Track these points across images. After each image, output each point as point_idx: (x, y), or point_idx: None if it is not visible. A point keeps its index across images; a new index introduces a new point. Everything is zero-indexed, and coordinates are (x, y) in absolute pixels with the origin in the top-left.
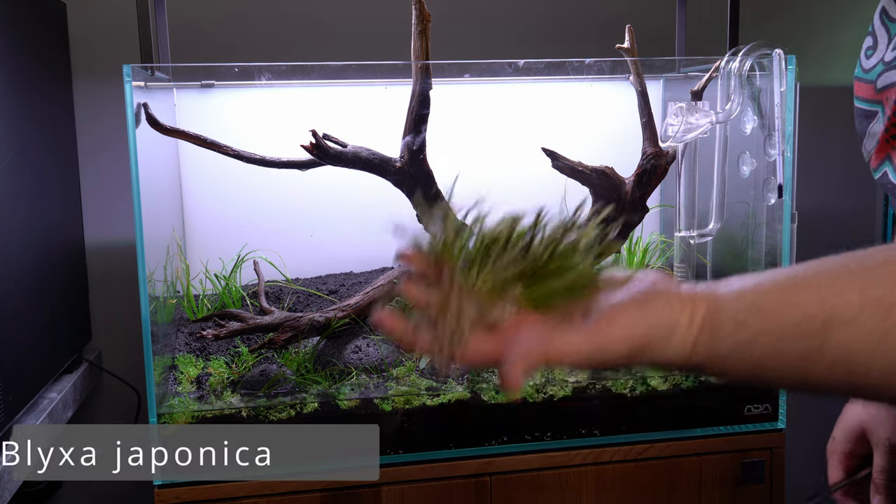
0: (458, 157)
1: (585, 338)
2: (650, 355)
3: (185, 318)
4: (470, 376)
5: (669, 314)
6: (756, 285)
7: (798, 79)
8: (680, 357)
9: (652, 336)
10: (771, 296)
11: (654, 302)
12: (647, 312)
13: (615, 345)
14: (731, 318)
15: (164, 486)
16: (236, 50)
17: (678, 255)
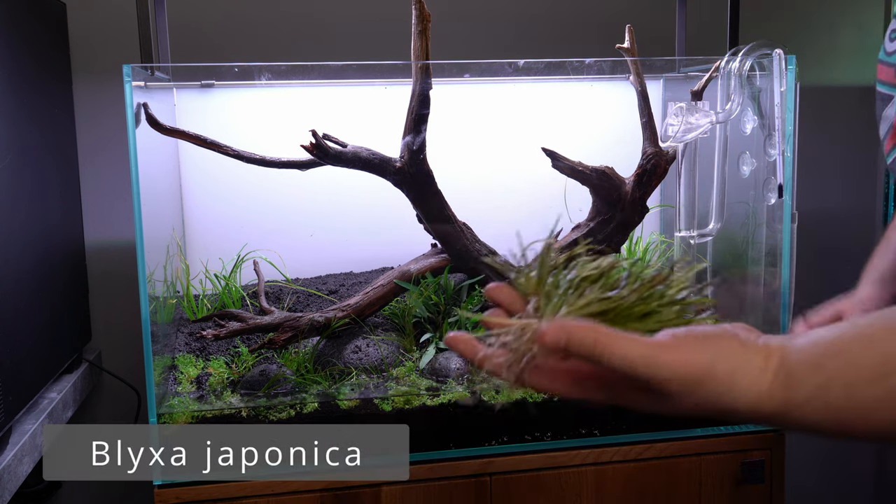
0: (458, 157)
1: (640, 345)
2: (708, 392)
3: (185, 318)
4: (470, 376)
5: (741, 354)
6: (832, 330)
7: (798, 79)
8: (748, 402)
9: (716, 371)
10: (848, 337)
11: (726, 341)
12: (717, 347)
13: (669, 365)
14: (808, 361)
15: (164, 486)
16: (236, 50)
17: (677, 255)
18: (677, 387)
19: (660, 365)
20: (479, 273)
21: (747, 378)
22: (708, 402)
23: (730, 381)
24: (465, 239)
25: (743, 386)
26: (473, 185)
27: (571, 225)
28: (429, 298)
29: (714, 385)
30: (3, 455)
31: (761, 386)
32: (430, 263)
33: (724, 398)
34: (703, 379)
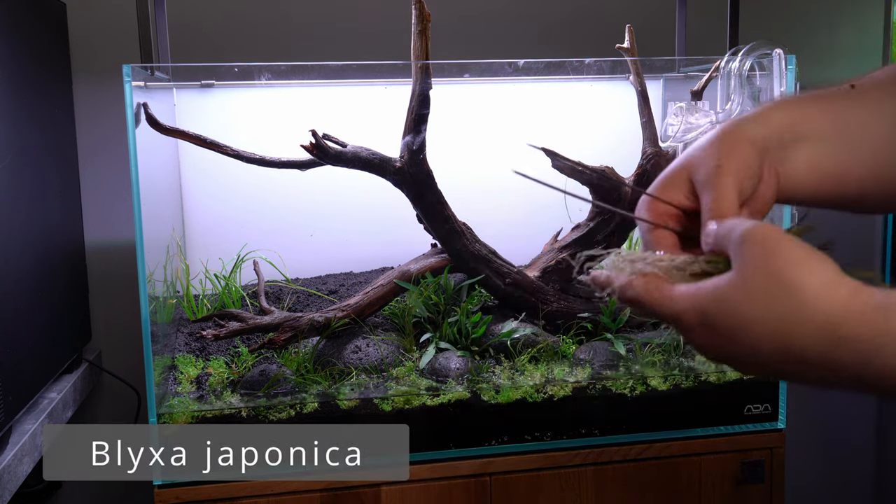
0: (458, 157)
1: None
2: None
3: (185, 318)
4: (470, 376)
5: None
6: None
7: (798, 78)
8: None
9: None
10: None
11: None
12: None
13: None
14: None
15: (164, 486)
16: (236, 50)
17: None
18: (754, 243)
19: (747, 224)
20: (479, 273)
21: (835, 280)
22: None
23: (817, 274)
24: (465, 239)
25: (825, 284)
26: (473, 185)
27: (571, 225)
28: (429, 298)
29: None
30: (3, 455)
31: (850, 295)
32: (430, 263)
33: (802, 282)
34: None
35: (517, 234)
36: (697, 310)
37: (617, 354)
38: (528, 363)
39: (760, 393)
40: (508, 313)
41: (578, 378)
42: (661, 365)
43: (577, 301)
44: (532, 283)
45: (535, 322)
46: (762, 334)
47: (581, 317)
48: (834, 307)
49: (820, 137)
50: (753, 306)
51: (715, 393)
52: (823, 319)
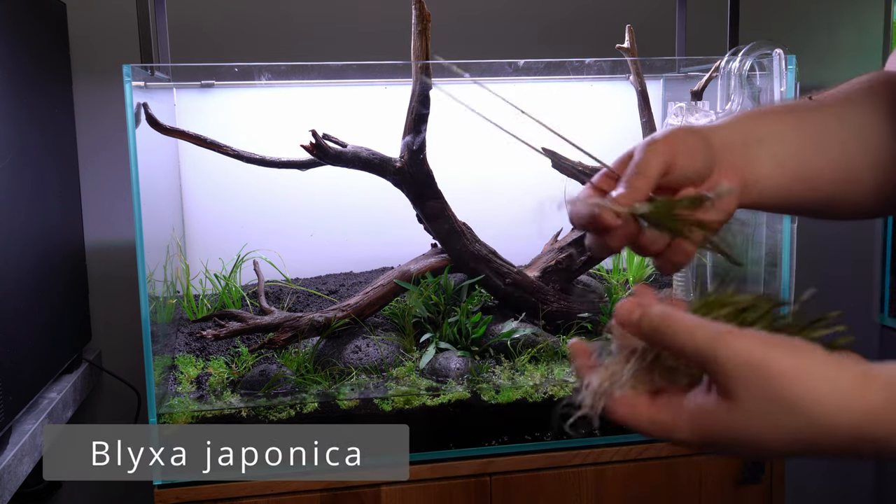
0: (458, 157)
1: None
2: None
3: (185, 318)
4: (470, 376)
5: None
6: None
7: (798, 79)
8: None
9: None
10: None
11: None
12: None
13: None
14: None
15: (164, 486)
16: (236, 50)
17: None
18: (739, 371)
19: (723, 345)
20: (479, 273)
21: (841, 384)
22: (784, 403)
23: (818, 381)
24: (465, 239)
25: (835, 392)
26: (473, 185)
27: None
28: (429, 298)
29: (791, 381)
30: (3, 455)
31: (862, 397)
32: (430, 263)
33: (808, 399)
34: (773, 369)
35: (517, 234)
36: (700, 436)
37: None
38: (528, 363)
39: None
40: (508, 313)
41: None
42: None
43: (576, 301)
44: (532, 283)
45: (535, 322)
46: (777, 450)
47: (581, 317)
48: (851, 419)
49: (783, 139)
50: (762, 430)
51: None
52: (843, 434)
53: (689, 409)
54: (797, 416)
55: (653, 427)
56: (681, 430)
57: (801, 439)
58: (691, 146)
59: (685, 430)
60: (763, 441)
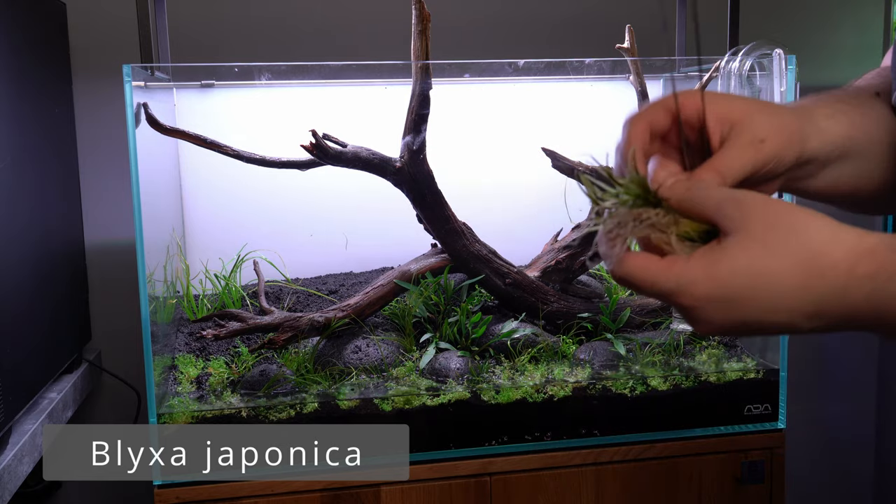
0: (458, 157)
1: None
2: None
3: (185, 318)
4: (470, 376)
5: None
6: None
7: (798, 79)
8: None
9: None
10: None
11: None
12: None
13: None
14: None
15: (164, 486)
16: (236, 50)
17: None
18: (756, 207)
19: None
20: (479, 273)
21: (837, 227)
22: (789, 229)
23: (819, 221)
24: (465, 239)
25: (832, 229)
26: (474, 185)
27: (571, 225)
28: (429, 298)
29: (796, 216)
30: (3, 455)
31: (858, 243)
32: (430, 263)
33: (810, 226)
34: (782, 208)
35: (517, 234)
36: (712, 277)
37: (617, 354)
38: (528, 363)
39: (760, 393)
40: (508, 313)
41: (578, 378)
42: (661, 365)
43: (577, 301)
44: (532, 283)
45: (535, 322)
46: (780, 284)
47: (581, 317)
48: (846, 247)
49: (860, 155)
50: (769, 258)
51: (715, 393)
52: (838, 257)
53: (699, 255)
54: (798, 244)
55: (665, 280)
56: (697, 280)
57: (805, 265)
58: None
59: (701, 279)
60: (772, 271)
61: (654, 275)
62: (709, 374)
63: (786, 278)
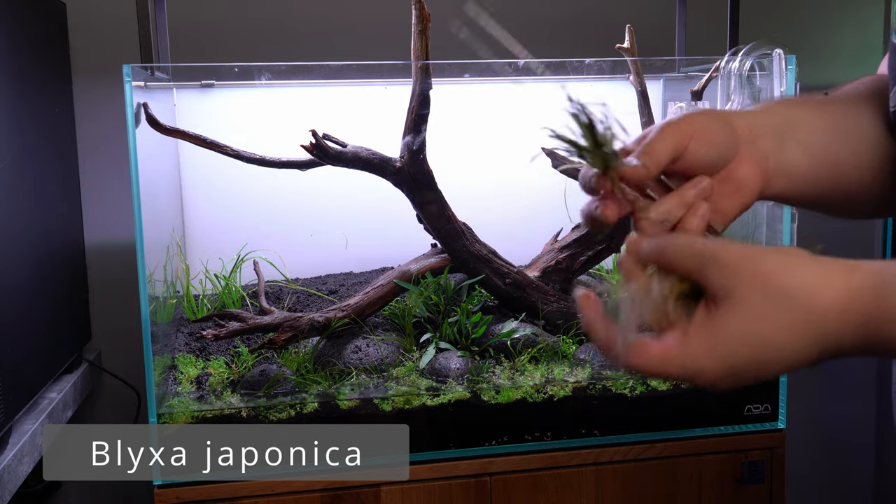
0: (458, 157)
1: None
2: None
3: (185, 318)
4: (470, 376)
5: (816, 260)
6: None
7: (798, 79)
8: (831, 298)
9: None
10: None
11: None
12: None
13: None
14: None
15: (164, 486)
16: (236, 50)
17: None
18: (738, 269)
19: (722, 250)
20: (479, 273)
21: (825, 270)
22: (777, 292)
23: (805, 272)
24: (464, 239)
25: (819, 276)
26: (474, 185)
27: (571, 225)
28: (429, 298)
29: (781, 273)
30: (3, 455)
31: (847, 285)
32: (430, 263)
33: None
34: (766, 264)
35: (517, 234)
36: (721, 360)
37: None
38: (528, 363)
39: (760, 393)
40: (508, 313)
41: (578, 378)
42: None
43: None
44: (532, 283)
45: (535, 322)
46: (781, 347)
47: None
48: (833, 297)
49: (809, 126)
50: (765, 328)
51: (715, 393)
52: (826, 308)
53: (696, 330)
54: (790, 300)
55: (667, 363)
56: (703, 368)
57: (802, 323)
58: (711, 132)
59: (707, 365)
60: (772, 339)
61: (662, 366)
62: None
63: (789, 342)
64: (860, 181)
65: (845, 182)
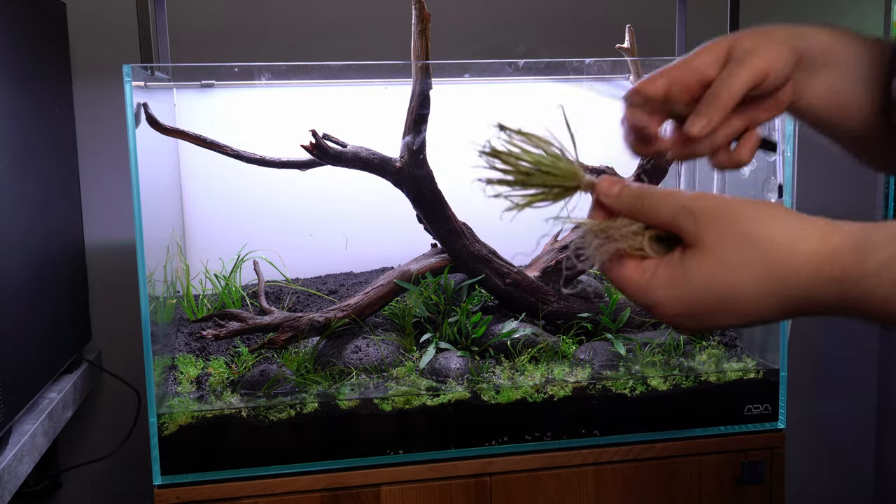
0: (458, 157)
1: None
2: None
3: (185, 318)
4: (470, 376)
5: (794, 215)
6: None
7: None
8: (806, 253)
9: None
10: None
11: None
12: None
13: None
14: (886, 232)
15: (164, 486)
16: (236, 50)
17: None
18: (712, 217)
19: (699, 199)
20: (479, 273)
21: (801, 224)
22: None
23: (777, 224)
24: (465, 239)
25: (794, 229)
26: (474, 185)
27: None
28: (429, 298)
29: (754, 221)
30: (3, 455)
31: (823, 241)
32: (430, 263)
33: (766, 233)
34: (739, 213)
35: (517, 234)
36: (680, 297)
37: (617, 354)
38: (528, 363)
39: (760, 393)
40: (508, 313)
41: (578, 378)
42: (661, 365)
43: (576, 301)
44: (532, 283)
45: (535, 322)
46: (745, 296)
47: (581, 317)
48: (808, 250)
49: (846, 66)
50: (729, 274)
51: (715, 393)
52: (800, 262)
53: (665, 265)
54: (755, 248)
55: (629, 285)
56: (656, 288)
57: (764, 274)
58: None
59: (669, 300)
60: (733, 284)
61: (633, 289)
62: (709, 374)
63: (749, 290)
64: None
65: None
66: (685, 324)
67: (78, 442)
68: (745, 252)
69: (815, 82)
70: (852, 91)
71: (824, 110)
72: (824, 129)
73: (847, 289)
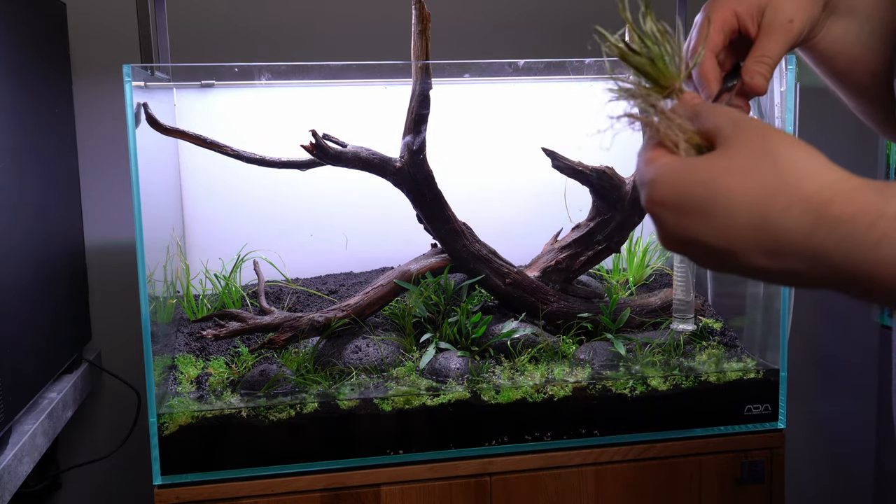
0: (458, 157)
1: None
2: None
3: (185, 318)
4: (470, 376)
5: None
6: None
7: (798, 79)
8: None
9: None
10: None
11: None
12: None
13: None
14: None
15: (164, 486)
16: (236, 50)
17: (678, 256)
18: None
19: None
20: (479, 273)
21: (825, 163)
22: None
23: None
24: (465, 239)
25: (816, 164)
26: (473, 185)
27: (571, 225)
28: (429, 298)
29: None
30: (3, 455)
31: (848, 179)
32: (430, 263)
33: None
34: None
35: (517, 234)
36: (674, 182)
37: (617, 354)
38: (528, 363)
39: (760, 393)
40: (508, 313)
41: (578, 378)
42: (661, 365)
43: (577, 301)
44: (532, 283)
45: (535, 322)
46: (738, 206)
47: (581, 317)
48: (824, 182)
49: (869, 17)
50: (733, 177)
51: (715, 393)
52: (810, 191)
53: (678, 161)
54: (777, 166)
55: (641, 160)
56: (659, 167)
57: (765, 194)
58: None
59: (665, 180)
60: (728, 188)
61: (643, 163)
62: (709, 374)
63: (743, 202)
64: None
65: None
66: (663, 216)
67: (78, 442)
68: (762, 164)
69: (834, 26)
70: (866, 43)
71: (837, 55)
72: (834, 76)
73: (854, 232)
